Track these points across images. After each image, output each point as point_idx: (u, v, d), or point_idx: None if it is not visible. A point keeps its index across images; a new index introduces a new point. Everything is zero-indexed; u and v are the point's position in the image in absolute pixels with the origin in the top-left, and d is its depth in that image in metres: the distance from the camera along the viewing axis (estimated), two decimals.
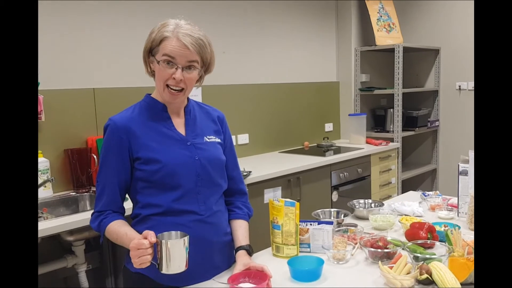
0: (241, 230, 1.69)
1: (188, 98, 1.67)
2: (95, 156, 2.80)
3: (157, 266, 1.37)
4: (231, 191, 1.76)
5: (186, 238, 1.37)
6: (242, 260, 1.58)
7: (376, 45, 4.61)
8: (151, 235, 1.34)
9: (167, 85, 1.51)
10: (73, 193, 2.76)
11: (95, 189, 2.77)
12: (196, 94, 3.43)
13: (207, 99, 3.49)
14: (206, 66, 1.58)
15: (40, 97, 2.63)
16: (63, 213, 2.61)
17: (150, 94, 1.64)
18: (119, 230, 1.49)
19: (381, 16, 4.74)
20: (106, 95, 3.00)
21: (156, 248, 1.36)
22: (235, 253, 1.64)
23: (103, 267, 2.71)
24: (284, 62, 4.32)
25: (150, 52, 1.53)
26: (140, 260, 1.33)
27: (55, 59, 2.79)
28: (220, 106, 1.85)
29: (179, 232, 1.42)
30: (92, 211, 1.58)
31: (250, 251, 1.64)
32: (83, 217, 2.25)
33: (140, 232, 1.44)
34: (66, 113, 2.82)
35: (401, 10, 5.11)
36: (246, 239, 1.68)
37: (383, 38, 4.67)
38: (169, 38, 1.47)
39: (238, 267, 1.55)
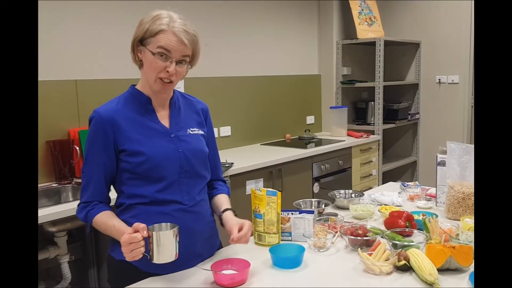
0: (223, 198, 1.74)
1: (173, 90, 1.69)
2: (77, 148, 2.79)
3: (148, 257, 1.40)
4: (211, 181, 1.79)
5: (176, 229, 1.42)
6: (234, 220, 1.61)
7: (357, 38, 4.65)
8: (142, 228, 1.37)
9: (159, 77, 1.53)
10: (55, 185, 2.75)
11: (77, 181, 2.78)
12: (178, 86, 3.42)
13: (189, 91, 3.48)
14: (193, 60, 1.60)
15: None
16: (46, 204, 2.59)
17: (135, 85, 1.65)
18: (107, 221, 1.52)
19: (362, 10, 4.78)
20: (88, 86, 2.99)
21: (147, 240, 1.39)
22: (222, 214, 1.66)
23: (86, 258, 2.71)
24: (266, 54, 4.33)
25: (140, 41, 1.53)
26: (133, 253, 1.36)
27: None
28: (202, 98, 1.86)
29: (168, 223, 1.46)
30: (74, 202, 1.59)
31: (236, 213, 1.67)
32: (66, 208, 2.24)
33: (125, 221, 1.46)
34: (48, 104, 2.80)
35: (382, 4, 5.16)
36: (229, 205, 1.72)
37: (365, 32, 4.71)
38: (165, 31, 1.49)
39: (234, 228, 1.57)
